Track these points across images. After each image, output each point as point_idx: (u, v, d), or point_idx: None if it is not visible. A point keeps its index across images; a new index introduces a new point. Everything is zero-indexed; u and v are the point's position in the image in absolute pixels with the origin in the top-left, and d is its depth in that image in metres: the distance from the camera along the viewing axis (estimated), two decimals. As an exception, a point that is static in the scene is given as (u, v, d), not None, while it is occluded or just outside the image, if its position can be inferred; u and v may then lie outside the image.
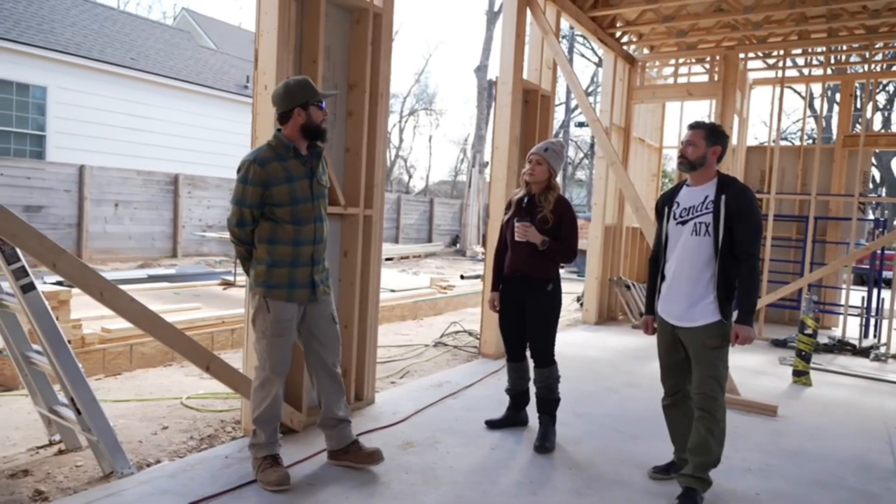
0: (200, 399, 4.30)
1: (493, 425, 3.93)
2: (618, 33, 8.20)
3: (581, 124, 26.36)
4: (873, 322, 7.79)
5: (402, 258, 17.20)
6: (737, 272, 2.95)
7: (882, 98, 27.92)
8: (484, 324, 6.02)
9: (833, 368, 6.21)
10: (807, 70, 9.52)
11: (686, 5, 7.23)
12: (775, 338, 7.49)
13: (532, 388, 3.85)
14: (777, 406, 4.62)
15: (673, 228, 3.08)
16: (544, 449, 3.57)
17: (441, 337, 6.85)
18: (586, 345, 6.80)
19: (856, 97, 8.98)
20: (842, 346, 7.13)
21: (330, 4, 3.78)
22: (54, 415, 3.26)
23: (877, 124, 27.29)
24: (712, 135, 3.02)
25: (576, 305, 9.69)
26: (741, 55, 8.29)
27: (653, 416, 3.90)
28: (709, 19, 7.49)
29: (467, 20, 67.97)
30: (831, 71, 9.13)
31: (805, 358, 5.60)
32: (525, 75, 6.14)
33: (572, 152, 33.62)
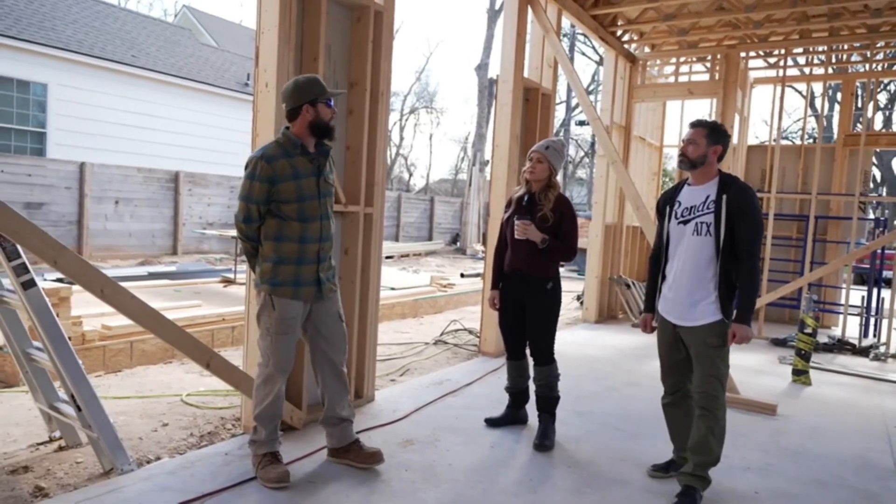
0: (201, 396, 4.31)
1: (492, 423, 3.94)
2: (619, 32, 8.20)
3: (582, 123, 26.37)
4: (873, 321, 7.79)
5: (402, 256, 17.20)
6: (738, 272, 2.94)
7: (883, 97, 27.91)
8: (484, 322, 6.02)
9: (833, 368, 6.22)
10: (808, 69, 9.51)
11: (687, 4, 7.22)
12: (775, 337, 7.49)
13: (532, 387, 3.85)
14: (777, 405, 4.62)
15: (674, 228, 3.08)
16: (544, 447, 3.58)
17: (441, 335, 6.86)
18: (586, 343, 6.81)
19: (857, 96, 8.97)
20: (841, 346, 7.13)
21: (331, 2, 3.77)
22: (55, 411, 3.26)
23: (878, 124, 27.29)
24: (714, 134, 3.02)
25: (576, 304, 9.69)
26: (742, 54, 8.29)
27: (653, 415, 3.91)
28: (710, 18, 7.48)
29: (468, 18, 67.93)
30: (832, 70, 9.12)
31: (805, 357, 5.60)
32: (526, 73, 6.13)
33: (573, 151, 33.60)
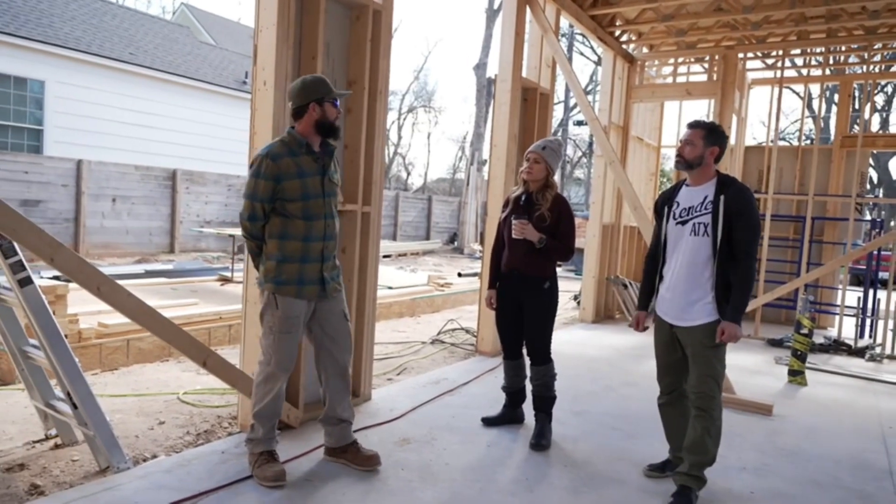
0: (197, 394, 4.31)
1: (489, 423, 3.94)
2: (617, 32, 8.20)
3: (580, 123, 26.37)
4: (869, 322, 7.81)
5: (399, 255, 17.19)
6: (735, 272, 2.94)
7: (880, 99, 27.97)
8: (481, 321, 6.02)
9: (828, 368, 6.23)
10: (805, 70, 9.54)
11: (685, 4, 7.23)
12: (771, 337, 7.51)
13: (528, 386, 3.86)
14: (773, 405, 4.63)
15: (672, 228, 3.08)
16: (540, 447, 3.58)
17: (438, 334, 6.86)
18: (583, 343, 6.82)
19: (854, 98, 9.02)
20: (837, 346, 7.15)
21: (330, 1, 3.77)
22: (51, 409, 3.26)
23: (875, 125, 27.34)
24: (711, 135, 3.02)
25: (573, 304, 9.70)
26: (740, 55, 8.30)
27: (650, 415, 3.91)
28: (708, 19, 7.49)
29: (467, 18, 67.89)
30: (830, 71, 9.15)
31: (801, 357, 5.61)
32: (524, 73, 6.14)
33: (571, 151, 33.62)
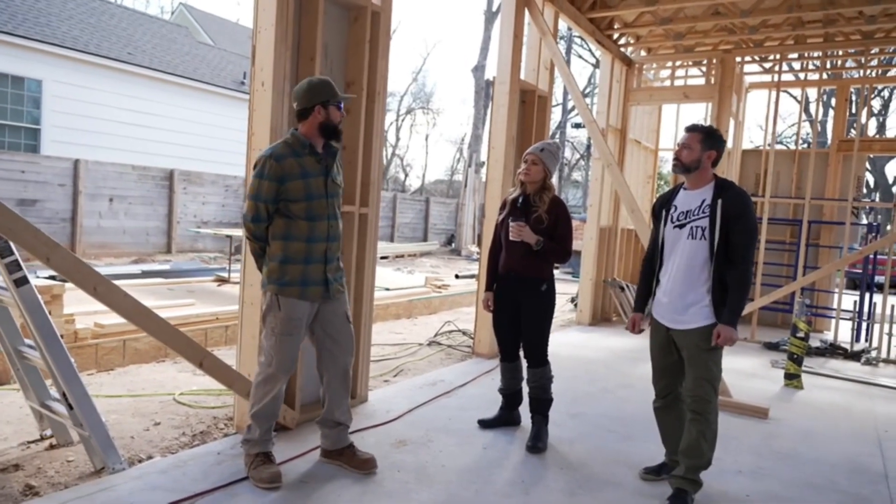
0: (193, 395, 4.30)
1: (485, 425, 3.94)
2: (615, 35, 8.22)
3: (578, 125, 26.39)
4: (865, 326, 7.82)
5: (397, 257, 17.19)
6: (731, 275, 2.95)
7: (877, 103, 28.06)
8: (478, 323, 6.02)
9: (824, 372, 6.24)
10: (803, 74, 9.58)
11: (684, 8, 7.25)
12: (768, 340, 7.52)
13: (525, 388, 3.85)
14: (769, 408, 4.64)
15: (670, 232, 3.09)
16: (536, 449, 3.58)
17: (435, 336, 6.86)
18: (580, 345, 6.82)
19: (851, 102, 9.06)
20: (833, 350, 7.16)
21: (328, 2, 3.77)
22: (46, 409, 3.25)
23: (871, 129, 27.42)
24: (709, 139, 3.02)
25: (570, 306, 9.71)
26: (738, 59, 8.32)
27: (646, 417, 3.91)
28: (706, 22, 7.51)
29: (465, 20, 67.94)
30: (827, 76, 9.17)
31: (797, 361, 5.62)
32: (522, 76, 6.14)
33: (569, 153, 33.66)
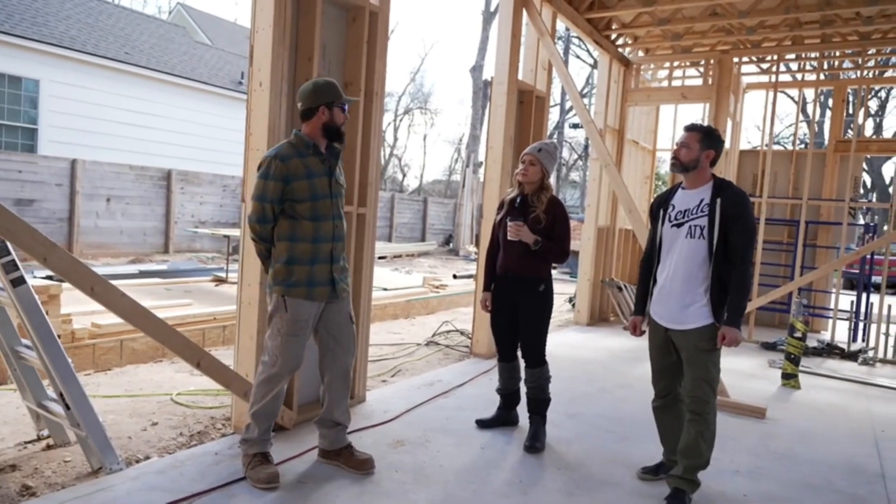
0: (191, 395, 4.29)
1: (483, 425, 3.94)
2: (613, 35, 8.23)
3: (575, 126, 26.45)
4: (862, 326, 7.84)
5: (395, 257, 17.18)
6: (730, 275, 2.95)
7: (874, 104, 28.15)
8: (476, 323, 6.02)
9: (822, 372, 6.26)
10: (800, 75, 9.59)
11: (681, 9, 7.26)
12: (765, 341, 7.53)
13: (523, 388, 3.86)
14: (766, 408, 4.65)
15: (668, 231, 3.09)
16: (534, 449, 3.58)
17: (433, 336, 6.86)
18: (578, 345, 6.82)
19: (848, 103, 9.07)
20: (830, 350, 7.18)
21: (326, 2, 3.76)
22: (43, 410, 3.24)
23: (868, 130, 27.50)
24: (707, 138, 3.03)
25: (567, 306, 9.71)
26: (735, 59, 8.34)
27: (644, 418, 3.92)
28: (704, 23, 7.52)
29: (463, 20, 67.86)
30: (824, 76, 9.19)
31: (794, 361, 5.63)
32: (520, 76, 6.14)
33: (566, 154, 33.69)
